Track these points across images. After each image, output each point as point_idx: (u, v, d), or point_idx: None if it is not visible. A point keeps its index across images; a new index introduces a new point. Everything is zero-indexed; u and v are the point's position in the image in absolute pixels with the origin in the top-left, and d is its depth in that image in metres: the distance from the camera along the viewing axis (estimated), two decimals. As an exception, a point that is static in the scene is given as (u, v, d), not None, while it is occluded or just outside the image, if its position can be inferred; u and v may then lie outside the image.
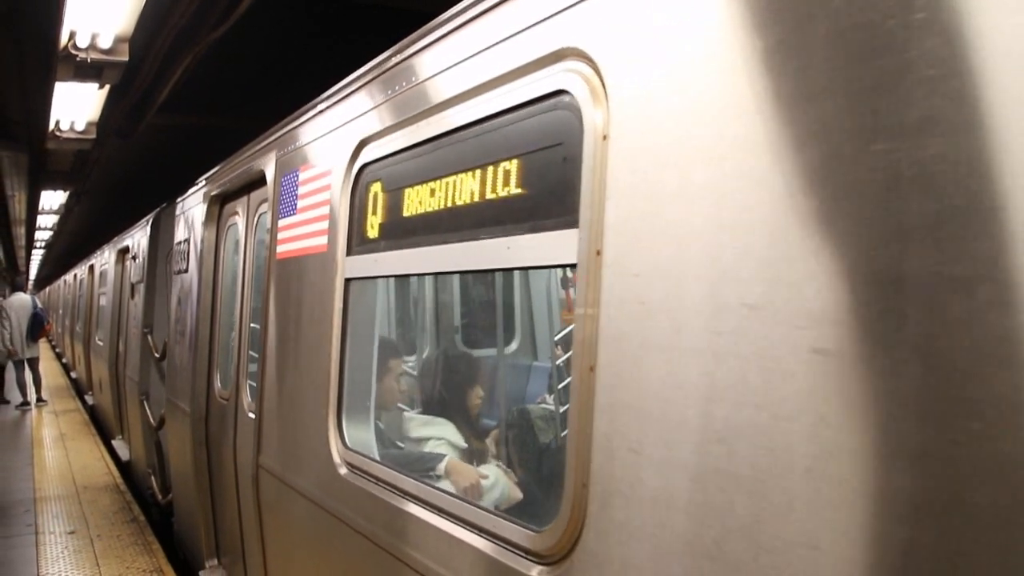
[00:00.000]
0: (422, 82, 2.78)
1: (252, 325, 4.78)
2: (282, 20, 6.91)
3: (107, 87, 5.19)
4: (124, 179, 15.95)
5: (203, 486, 5.64)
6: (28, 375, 16.16)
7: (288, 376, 3.91)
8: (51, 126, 6.10)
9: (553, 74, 2.09)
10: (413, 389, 4.10)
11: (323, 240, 3.51)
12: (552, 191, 2.16)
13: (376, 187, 3.15)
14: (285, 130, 4.16)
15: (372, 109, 3.16)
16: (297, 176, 3.93)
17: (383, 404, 3.63)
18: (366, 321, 3.44)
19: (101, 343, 11.91)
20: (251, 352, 4.70)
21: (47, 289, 40.32)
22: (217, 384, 5.46)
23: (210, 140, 13.33)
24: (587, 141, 1.93)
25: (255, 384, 4.44)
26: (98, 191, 15.10)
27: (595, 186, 1.89)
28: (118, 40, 4.41)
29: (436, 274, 3.81)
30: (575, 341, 1.92)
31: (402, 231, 2.95)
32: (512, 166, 2.31)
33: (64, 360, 24.12)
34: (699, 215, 1.61)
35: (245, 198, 5.09)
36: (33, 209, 12.48)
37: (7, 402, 16.51)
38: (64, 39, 4.27)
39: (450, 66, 2.59)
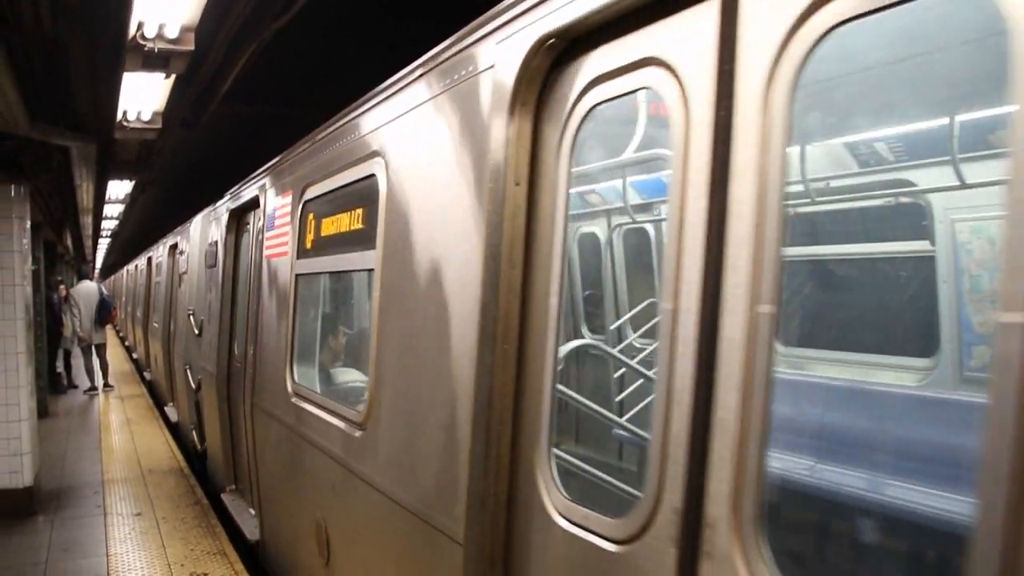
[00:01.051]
0: (322, 159, 4.72)
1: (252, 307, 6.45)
2: (343, 7, 6.94)
3: (173, 77, 5.26)
4: (186, 169, 16.21)
5: (224, 429, 7.58)
6: (95, 361, 16.53)
7: (267, 340, 5.77)
8: (119, 116, 6.20)
9: (369, 165, 3.87)
10: (326, 348, 5.88)
11: (286, 248, 5.32)
12: (372, 226, 3.79)
13: (310, 216, 4.93)
14: (269, 169, 6.05)
15: (309, 165, 4.96)
16: (276, 203, 5.74)
17: (311, 357, 5.48)
18: (310, 303, 5.38)
19: (156, 325, 14.05)
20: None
21: (111, 278, 41.28)
22: (235, 351, 7.43)
23: (270, 130, 13.48)
24: (380, 200, 3.66)
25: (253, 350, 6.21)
26: (161, 181, 15.37)
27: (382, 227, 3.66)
28: (184, 30, 4.47)
29: (330, 273, 5.32)
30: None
31: (319, 245, 4.75)
32: (359, 211, 4.14)
33: (127, 344, 24.72)
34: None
35: (252, 214, 6.88)
36: (100, 199, 12.72)
37: (75, 387, 16.93)
38: (132, 30, 4.33)
39: (328, 155, 4.59)
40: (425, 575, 3.10)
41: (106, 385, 16.71)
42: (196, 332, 9.18)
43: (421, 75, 3.33)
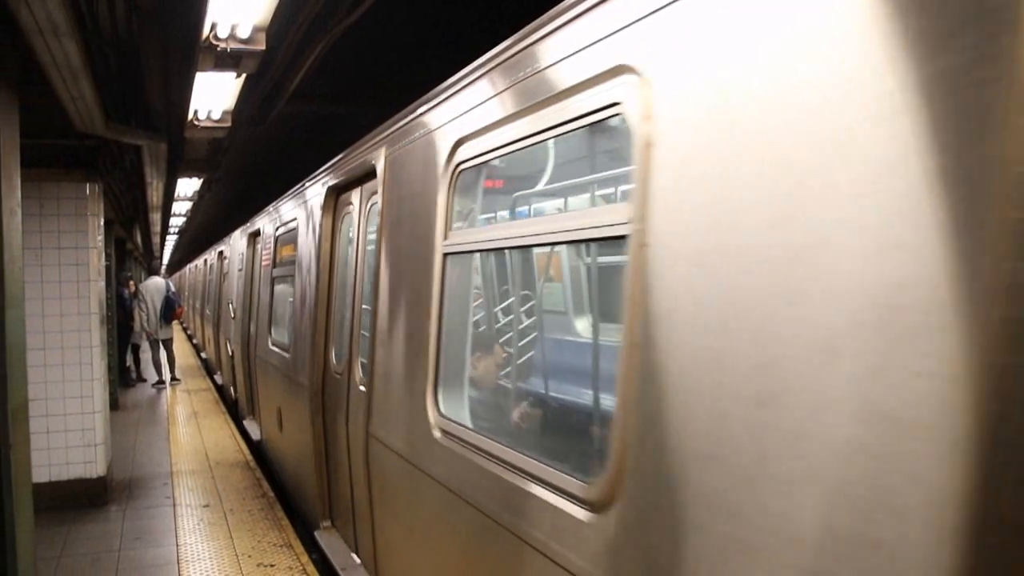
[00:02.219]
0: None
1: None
2: (411, 5, 7.00)
3: (243, 76, 5.35)
4: (251, 168, 16.46)
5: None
6: (163, 355, 16.87)
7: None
8: (190, 116, 6.32)
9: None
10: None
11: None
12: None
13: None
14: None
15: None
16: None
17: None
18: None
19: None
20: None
21: (176, 275, 42.10)
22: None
23: (333, 128, 13.62)
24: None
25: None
26: (228, 179, 15.63)
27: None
28: (256, 29, 4.54)
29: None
30: None
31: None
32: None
33: (195, 341, 25.17)
34: None
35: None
36: (169, 197, 12.99)
37: (144, 380, 17.31)
38: (206, 30, 4.42)
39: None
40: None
41: (173, 379, 17.07)
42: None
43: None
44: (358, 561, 5.52)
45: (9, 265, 4.03)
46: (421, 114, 4.15)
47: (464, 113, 3.54)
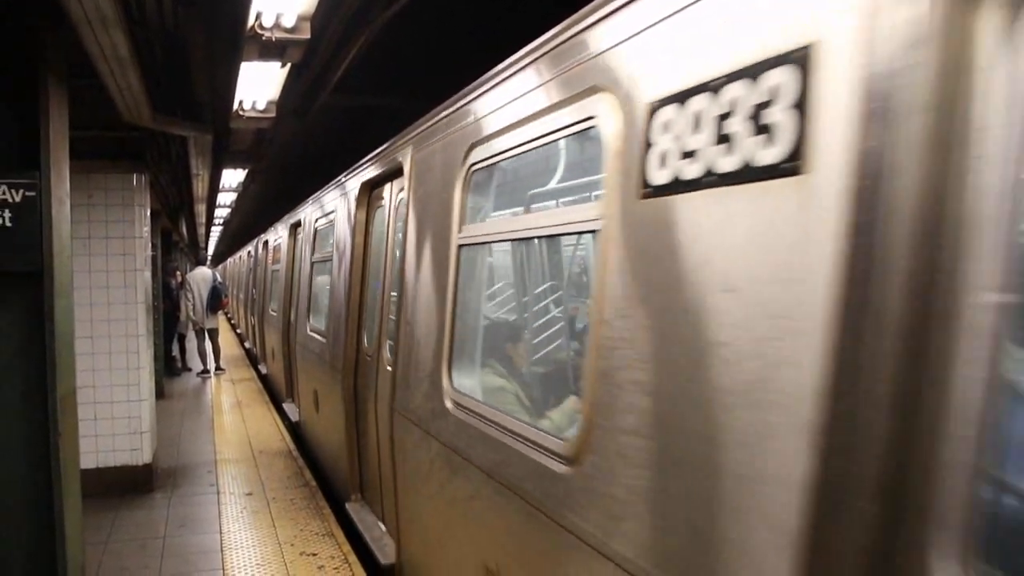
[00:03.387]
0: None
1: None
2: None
3: (288, 66, 5.37)
4: (294, 159, 16.56)
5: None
6: (208, 345, 17.06)
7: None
8: (235, 106, 6.36)
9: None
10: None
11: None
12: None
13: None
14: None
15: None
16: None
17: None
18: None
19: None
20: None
21: (220, 265, 42.58)
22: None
23: (375, 121, 13.64)
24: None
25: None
26: (271, 171, 15.74)
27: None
28: (301, 19, 4.54)
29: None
30: None
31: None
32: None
33: (239, 332, 25.45)
34: None
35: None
36: (214, 188, 13.12)
37: (189, 370, 17.52)
38: (251, 20, 4.43)
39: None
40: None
41: (218, 368, 17.26)
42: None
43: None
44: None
45: (58, 255, 4.07)
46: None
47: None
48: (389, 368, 5.44)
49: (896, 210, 1.56)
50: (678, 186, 2.21)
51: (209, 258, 39.91)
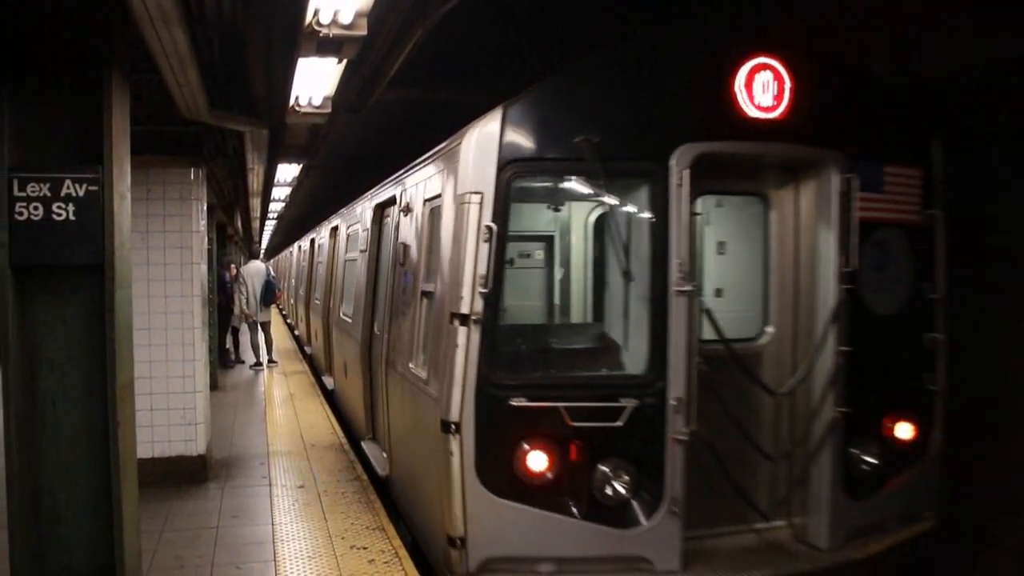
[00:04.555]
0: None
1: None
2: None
3: (344, 62, 5.39)
4: (347, 153, 16.69)
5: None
6: (261, 337, 17.26)
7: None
8: (291, 101, 6.41)
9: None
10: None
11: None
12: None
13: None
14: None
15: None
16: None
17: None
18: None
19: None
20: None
21: (273, 259, 43.13)
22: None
23: (429, 113, 13.69)
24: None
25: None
26: (324, 166, 15.90)
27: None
28: (358, 15, 4.56)
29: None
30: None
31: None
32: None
33: (289, 321, 25.77)
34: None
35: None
36: (268, 182, 13.27)
37: (242, 362, 17.75)
38: (309, 16, 4.46)
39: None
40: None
41: (270, 361, 17.47)
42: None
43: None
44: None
45: (119, 248, 4.14)
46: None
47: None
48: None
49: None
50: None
51: (262, 252, 40.40)
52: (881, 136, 5.65)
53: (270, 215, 25.57)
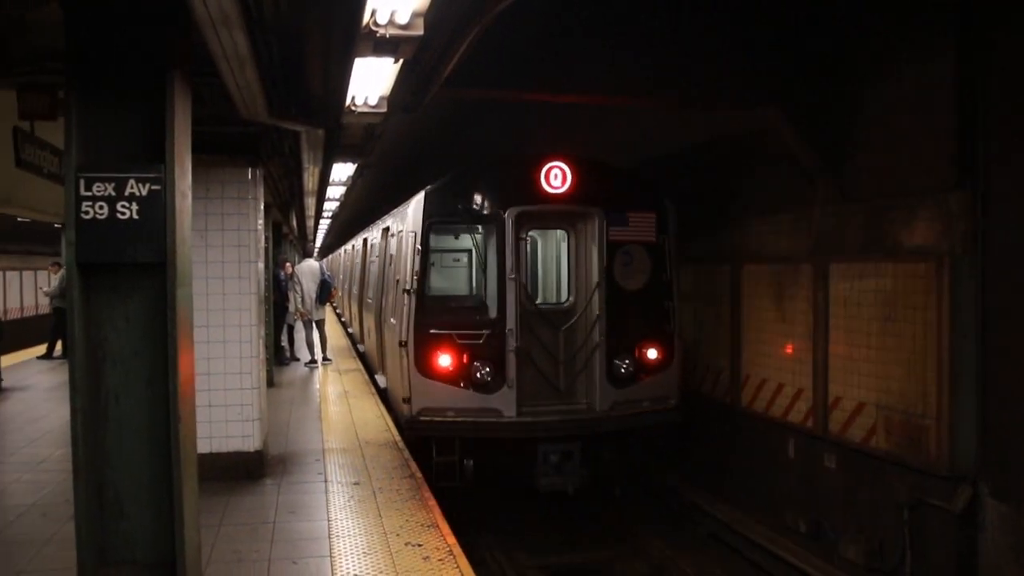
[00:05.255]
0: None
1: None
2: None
3: (400, 61, 5.42)
4: (400, 153, 16.79)
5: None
6: (315, 335, 17.44)
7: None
8: (347, 101, 6.46)
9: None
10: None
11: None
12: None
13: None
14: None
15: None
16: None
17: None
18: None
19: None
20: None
21: (327, 258, 43.56)
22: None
23: (479, 114, 13.71)
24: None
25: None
26: (379, 164, 16.02)
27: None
28: (414, 15, 4.58)
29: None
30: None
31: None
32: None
33: (343, 319, 26.05)
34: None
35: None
36: (323, 182, 13.40)
37: (297, 360, 17.95)
38: (366, 17, 4.49)
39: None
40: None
41: (325, 359, 17.65)
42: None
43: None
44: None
45: (180, 246, 4.21)
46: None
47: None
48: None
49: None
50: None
51: (316, 251, 40.83)
52: (624, 197, 10.44)
53: (324, 214, 25.81)
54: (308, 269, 17.46)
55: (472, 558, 6.52)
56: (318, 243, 43.28)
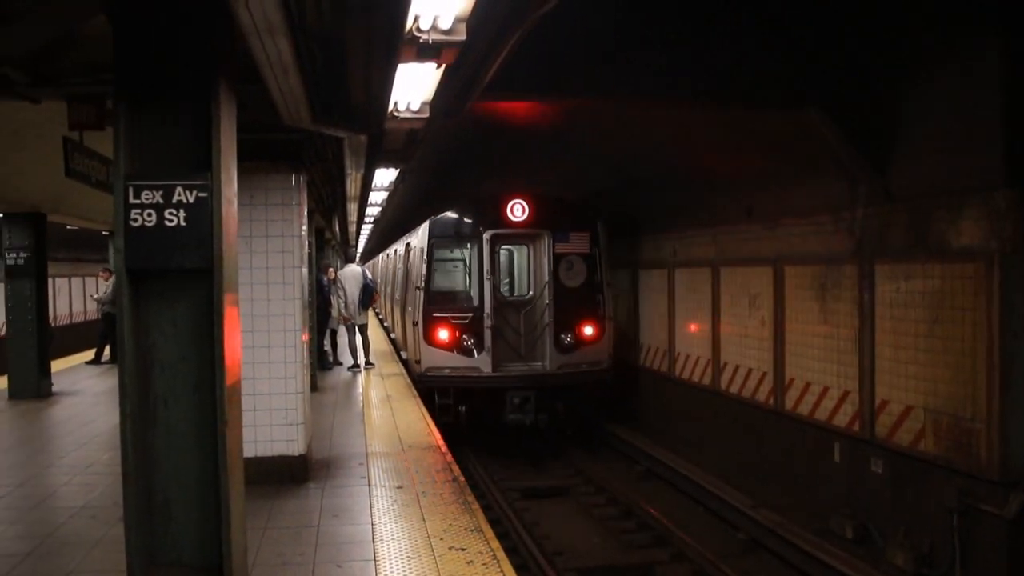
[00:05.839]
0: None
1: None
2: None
3: (443, 67, 5.44)
4: (439, 159, 16.84)
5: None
6: (358, 340, 17.55)
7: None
8: (390, 107, 6.48)
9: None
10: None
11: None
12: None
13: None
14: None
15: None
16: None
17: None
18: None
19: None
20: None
21: (368, 263, 43.85)
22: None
23: (516, 120, 13.69)
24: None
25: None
26: (420, 169, 16.10)
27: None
28: (457, 20, 4.59)
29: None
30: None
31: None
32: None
33: (385, 325, 26.28)
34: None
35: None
36: (366, 187, 13.50)
37: (340, 364, 18.07)
38: (409, 23, 4.50)
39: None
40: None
41: (367, 363, 17.76)
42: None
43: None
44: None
45: (227, 252, 4.25)
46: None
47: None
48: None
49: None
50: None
51: (358, 256, 41.09)
52: (567, 221, 14.91)
53: (366, 219, 26.00)
54: (351, 274, 17.61)
55: (469, 481, 9.17)
56: (360, 248, 43.57)
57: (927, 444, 8.93)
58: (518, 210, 14.59)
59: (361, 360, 17.64)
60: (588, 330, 14.70)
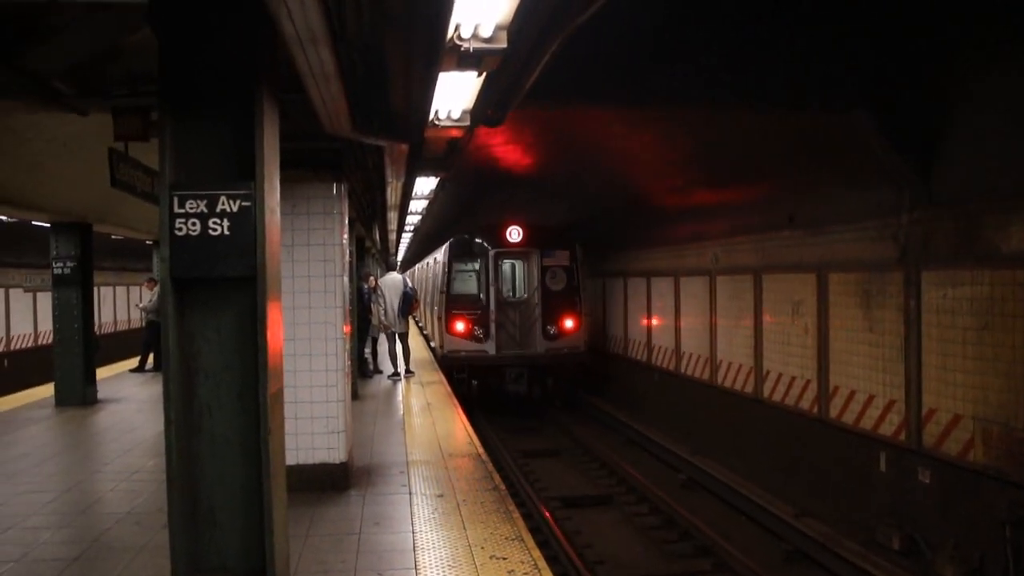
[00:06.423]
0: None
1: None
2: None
3: (483, 75, 5.45)
4: (478, 167, 16.86)
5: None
6: (399, 348, 17.60)
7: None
8: (431, 116, 6.50)
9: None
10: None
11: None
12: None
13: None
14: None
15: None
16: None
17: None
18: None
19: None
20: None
21: (408, 272, 44.06)
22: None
23: (557, 126, 13.65)
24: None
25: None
26: (460, 177, 16.13)
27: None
28: (498, 28, 4.60)
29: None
30: None
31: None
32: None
33: (425, 333, 26.62)
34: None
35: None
36: (406, 196, 13.55)
37: (380, 372, 18.14)
38: (450, 31, 4.51)
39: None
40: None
41: (408, 371, 17.81)
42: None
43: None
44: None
45: (269, 260, 4.28)
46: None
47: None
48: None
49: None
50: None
51: (398, 264, 41.32)
52: (552, 242, 19.96)
53: (406, 228, 26.21)
54: (391, 282, 17.71)
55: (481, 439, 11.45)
56: (400, 256, 43.79)
57: (977, 454, 8.76)
58: (515, 234, 19.56)
59: (401, 368, 17.69)
60: (568, 323, 19.50)
